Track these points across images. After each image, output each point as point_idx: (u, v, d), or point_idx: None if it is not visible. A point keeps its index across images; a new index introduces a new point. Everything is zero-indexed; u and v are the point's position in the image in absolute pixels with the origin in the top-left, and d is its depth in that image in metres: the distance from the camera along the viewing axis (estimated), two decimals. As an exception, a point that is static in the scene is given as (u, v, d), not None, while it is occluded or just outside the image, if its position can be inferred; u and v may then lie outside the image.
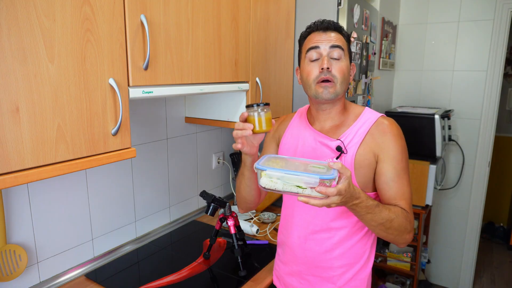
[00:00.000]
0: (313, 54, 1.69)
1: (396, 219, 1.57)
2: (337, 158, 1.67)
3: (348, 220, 1.74)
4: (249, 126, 1.54)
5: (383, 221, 1.55)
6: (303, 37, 1.79)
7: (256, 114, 1.55)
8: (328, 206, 1.37)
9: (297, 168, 1.39)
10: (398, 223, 1.58)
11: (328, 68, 1.65)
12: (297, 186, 1.35)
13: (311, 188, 1.33)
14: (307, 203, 1.33)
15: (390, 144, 1.66)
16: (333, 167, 1.34)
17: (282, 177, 1.36)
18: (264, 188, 1.41)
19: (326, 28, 1.70)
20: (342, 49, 1.69)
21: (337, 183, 1.35)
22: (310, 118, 1.87)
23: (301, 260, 1.85)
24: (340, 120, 1.78)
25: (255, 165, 1.42)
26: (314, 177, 1.31)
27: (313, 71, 1.69)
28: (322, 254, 1.79)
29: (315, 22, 1.74)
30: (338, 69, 1.67)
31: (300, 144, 1.84)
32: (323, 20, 1.72)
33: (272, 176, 1.38)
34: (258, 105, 1.54)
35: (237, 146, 1.61)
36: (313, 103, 1.81)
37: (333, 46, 1.67)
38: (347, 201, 1.41)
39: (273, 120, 1.62)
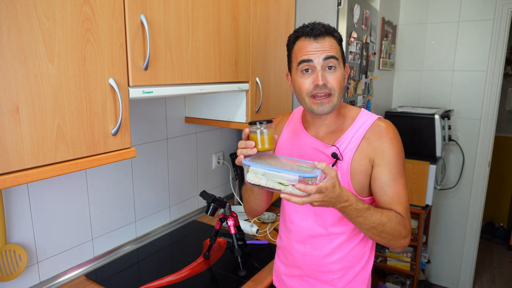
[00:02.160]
0: (305, 67, 1.63)
1: (388, 224, 1.54)
2: (332, 165, 1.65)
3: (346, 226, 1.73)
4: (251, 144, 1.53)
5: (374, 224, 1.53)
6: (292, 42, 1.71)
7: (258, 132, 1.53)
8: (311, 204, 1.39)
9: (282, 166, 1.43)
10: (391, 228, 1.55)
11: (323, 84, 1.60)
12: (280, 183, 1.39)
13: (293, 185, 1.36)
14: (289, 200, 1.36)
15: (386, 148, 1.63)
16: (317, 167, 1.37)
17: (265, 173, 1.42)
18: (249, 183, 1.46)
19: (317, 36, 1.62)
20: (336, 58, 1.63)
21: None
22: (305, 122, 1.85)
23: (300, 263, 1.85)
24: (336, 125, 1.75)
25: (243, 161, 1.50)
26: (294, 175, 1.35)
27: (305, 85, 1.64)
28: (321, 259, 1.79)
29: (304, 26, 1.66)
30: (334, 80, 1.62)
31: (295, 150, 1.82)
32: (313, 26, 1.63)
33: (256, 172, 1.44)
34: (261, 122, 1.53)
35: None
36: (308, 112, 1.78)
37: (327, 58, 1.61)
38: (333, 202, 1.42)
39: (275, 136, 1.60)
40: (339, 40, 1.69)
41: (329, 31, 1.64)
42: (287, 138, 1.89)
